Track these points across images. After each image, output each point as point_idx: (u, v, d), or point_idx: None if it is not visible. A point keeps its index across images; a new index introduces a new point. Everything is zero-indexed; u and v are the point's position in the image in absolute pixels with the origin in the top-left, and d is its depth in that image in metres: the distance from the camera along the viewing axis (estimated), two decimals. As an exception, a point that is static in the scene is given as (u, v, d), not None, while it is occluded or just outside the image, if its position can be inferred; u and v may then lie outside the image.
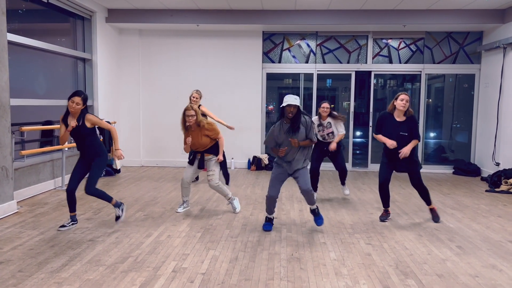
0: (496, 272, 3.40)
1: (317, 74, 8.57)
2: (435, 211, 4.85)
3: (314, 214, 4.44)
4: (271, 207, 4.38)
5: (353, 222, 4.76)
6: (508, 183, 6.47)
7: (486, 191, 6.53)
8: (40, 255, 3.62)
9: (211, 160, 4.97)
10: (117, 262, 3.49)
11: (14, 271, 3.29)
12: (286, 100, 4.05)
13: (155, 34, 8.51)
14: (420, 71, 8.47)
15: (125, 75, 8.54)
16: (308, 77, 8.63)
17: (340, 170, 5.78)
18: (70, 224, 4.37)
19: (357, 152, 9.40)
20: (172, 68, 8.58)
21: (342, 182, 5.94)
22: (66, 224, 4.34)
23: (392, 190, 6.48)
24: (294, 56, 8.58)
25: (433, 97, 8.88)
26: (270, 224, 4.45)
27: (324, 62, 8.54)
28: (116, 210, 4.47)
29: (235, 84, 8.56)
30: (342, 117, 5.64)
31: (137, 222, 4.64)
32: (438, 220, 4.77)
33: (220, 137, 4.96)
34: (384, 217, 4.83)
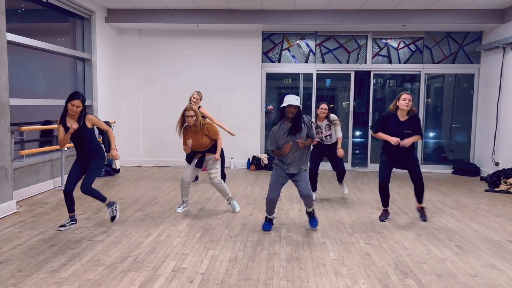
0: (496, 272, 3.40)
1: (317, 74, 8.57)
2: (424, 211, 4.90)
3: (310, 216, 4.47)
4: (271, 209, 4.39)
5: (353, 222, 4.76)
6: (508, 183, 6.47)
7: (486, 191, 6.54)
8: (40, 255, 3.62)
9: (212, 159, 4.99)
10: (117, 262, 3.49)
11: (14, 271, 3.29)
12: (287, 100, 4.02)
13: (155, 34, 8.51)
14: (420, 71, 8.47)
15: (125, 75, 8.54)
16: (308, 77, 8.63)
17: (338, 171, 5.72)
18: (70, 224, 4.37)
19: (357, 152, 9.40)
20: (172, 68, 8.57)
21: (340, 181, 5.87)
22: (66, 224, 4.35)
23: (392, 190, 6.48)
24: (294, 56, 8.58)
25: (433, 97, 8.88)
26: (270, 224, 4.45)
27: (324, 62, 8.55)
28: (109, 211, 4.47)
29: (235, 84, 8.56)
30: (337, 121, 5.53)
31: (137, 222, 4.64)
32: (426, 219, 4.82)
33: (219, 138, 4.98)
34: (384, 217, 4.84)
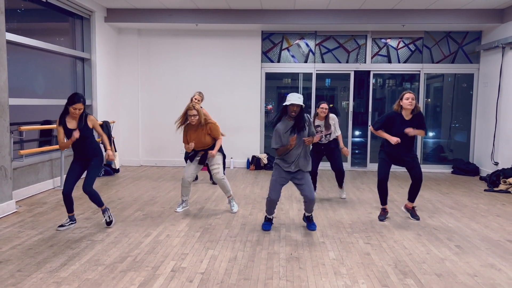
0: (495, 272, 3.40)
1: (316, 74, 8.57)
2: (415, 211, 4.94)
3: (308, 221, 4.48)
4: (272, 209, 4.38)
5: (352, 222, 4.76)
6: (507, 183, 6.48)
7: (485, 191, 6.54)
8: (39, 255, 3.62)
9: (214, 156, 5.01)
10: (116, 262, 3.49)
11: (13, 271, 3.29)
12: (290, 99, 3.99)
13: (154, 34, 8.50)
14: (419, 71, 8.48)
15: (124, 75, 8.53)
16: (307, 77, 8.63)
17: (337, 171, 5.69)
18: (69, 224, 4.37)
19: (356, 152, 9.40)
20: (171, 68, 8.57)
21: (340, 185, 5.86)
22: (65, 224, 4.34)
23: (391, 190, 6.49)
24: (293, 56, 8.58)
25: (432, 97, 8.89)
26: (269, 224, 4.45)
27: (323, 62, 8.54)
28: (106, 216, 4.41)
29: (234, 84, 8.56)
30: (336, 120, 5.65)
31: (136, 222, 4.63)
32: (419, 218, 4.85)
33: (220, 138, 5.00)
34: (383, 217, 4.84)
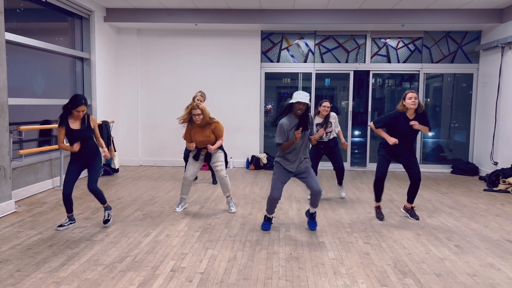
0: (494, 271, 3.41)
1: (316, 74, 8.56)
2: (414, 211, 4.95)
3: (311, 218, 4.45)
4: (273, 208, 4.38)
5: (352, 221, 4.76)
6: (506, 182, 6.48)
7: (484, 190, 6.54)
8: (38, 255, 3.62)
9: (217, 153, 5.02)
10: (116, 262, 3.49)
11: (12, 271, 3.29)
12: (296, 97, 3.95)
13: (154, 34, 8.50)
14: (419, 71, 8.48)
15: (124, 75, 8.53)
16: (307, 77, 8.63)
17: (338, 169, 5.74)
18: (68, 224, 4.37)
19: (356, 152, 9.40)
20: (171, 68, 8.57)
21: (339, 182, 5.90)
22: (64, 224, 4.34)
23: (391, 189, 6.49)
24: (293, 56, 8.58)
25: (432, 97, 8.89)
26: (269, 224, 4.45)
27: (323, 62, 8.54)
28: (106, 213, 4.48)
29: (234, 84, 8.55)
30: (337, 118, 5.76)
31: (136, 222, 4.63)
32: (418, 218, 4.86)
33: (222, 138, 5.01)
34: (381, 215, 4.85)
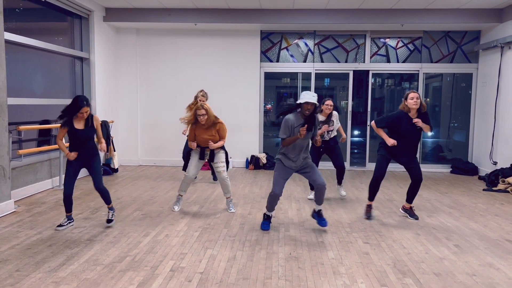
0: (494, 271, 3.41)
1: (315, 73, 8.56)
2: (413, 211, 4.96)
3: (319, 215, 4.43)
4: (273, 205, 4.38)
5: (351, 221, 4.76)
6: (506, 182, 6.48)
7: (484, 190, 6.55)
8: (38, 255, 3.62)
9: (219, 153, 5.03)
10: (115, 262, 3.49)
11: (12, 271, 3.29)
12: (305, 97, 3.95)
13: (153, 33, 8.49)
14: (418, 70, 8.48)
15: (123, 74, 8.52)
16: (306, 76, 8.63)
17: (338, 168, 5.74)
18: (67, 223, 4.37)
19: (355, 151, 9.40)
20: (170, 67, 8.56)
21: (339, 182, 5.90)
22: (64, 224, 4.34)
23: (390, 189, 6.50)
24: (292, 55, 8.58)
25: (431, 96, 8.89)
26: (268, 223, 4.45)
27: (322, 61, 8.54)
28: (110, 214, 4.48)
29: (233, 83, 8.55)
30: (338, 116, 5.79)
31: (135, 222, 4.63)
32: (418, 217, 4.87)
33: (225, 139, 5.01)
34: (369, 214, 4.87)
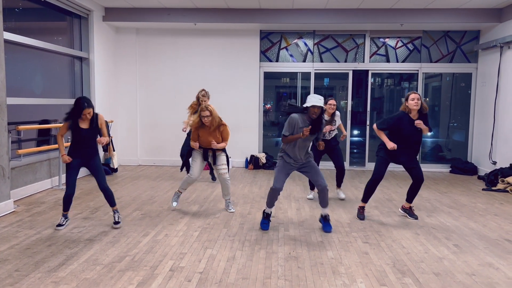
0: (493, 271, 3.41)
1: (315, 73, 8.57)
2: (413, 210, 4.97)
3: (325, 221, 4.43)
4: (273, 200, 4.37)
5: (350, 221, 4.76)
6: (505, 182, 6.49)
7: (483, 190, 6.55)
8: (37, 255, 3.61)
9: (221, 155, 5.03)
10: (114, 261, 3.49)
11: (11, 271, 3.28)
12: (311, 100, 3.97)
13: (152, 33, 8.49)
14: (417, 70, 8.48)
15: (122, 74, 8.52)
16: (306, 76, 8.63)
17: (339, 169, 5.72)
18: (65, 222, 4.36)
19: (355, 151, 9.40)
20: (170, 67, 8.56)
21: (338, 184, 5.86)
22: (63, 223, 4.34)
23: (390, 189, 6.50)
24: (292, 55, 8.58)
25: (430, 96, 8.90)
26: (268, 223, 4.45)
27: (322, 61, 8.54)
28: (117, 216, 4.44)
29: (233, 83, 8.55)
30: (339, 116, 5.80)
31: (135, 221, 4.63)
32: (417, 217, 4.89)
33: (227, 142, 5.01)
34: (362, 216, 4.87)
